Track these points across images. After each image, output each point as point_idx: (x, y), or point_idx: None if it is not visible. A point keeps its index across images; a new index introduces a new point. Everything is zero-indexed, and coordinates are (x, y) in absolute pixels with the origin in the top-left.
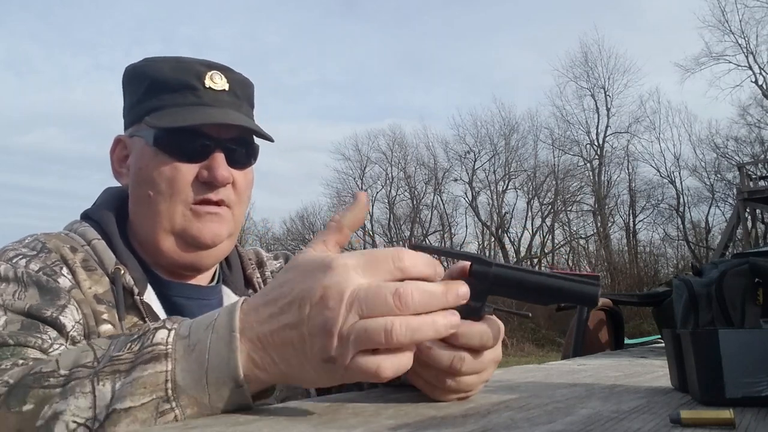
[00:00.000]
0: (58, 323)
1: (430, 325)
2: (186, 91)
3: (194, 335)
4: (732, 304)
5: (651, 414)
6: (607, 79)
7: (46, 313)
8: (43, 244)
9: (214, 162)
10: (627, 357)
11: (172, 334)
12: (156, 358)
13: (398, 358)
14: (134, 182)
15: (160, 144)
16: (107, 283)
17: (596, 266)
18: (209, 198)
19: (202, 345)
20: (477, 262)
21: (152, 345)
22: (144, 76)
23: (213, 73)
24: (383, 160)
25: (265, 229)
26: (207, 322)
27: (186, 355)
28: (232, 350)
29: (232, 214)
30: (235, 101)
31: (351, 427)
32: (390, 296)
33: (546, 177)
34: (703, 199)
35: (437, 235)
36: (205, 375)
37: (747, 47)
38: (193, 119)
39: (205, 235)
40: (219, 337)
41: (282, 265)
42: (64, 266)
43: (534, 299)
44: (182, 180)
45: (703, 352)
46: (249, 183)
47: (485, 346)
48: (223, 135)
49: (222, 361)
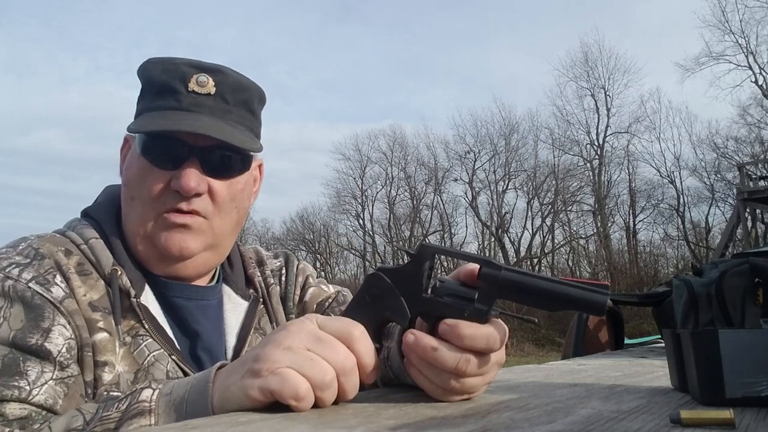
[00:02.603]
0: (44, 351)
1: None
2: (168, 94)
3: (175, 392)
4: (732, 304)
5: (651, 414)
6: (608, 79)
7: (31, 340)
8: (36, 250)
9: (183, 171)
10: (627, 357)
11: (156, 392)
12: (141, 413)
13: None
14: (122, 182)
15: (143, 148)
16: (103, 288)
17: (596, 266)
18: (180, 207)
19: (181, 399)
20: (486, 265)
21: (138, 402)
22: (141, 76)
23: (199, 75)
24: (383, 160)
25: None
26: (188, 380)
27: (167, 410)
28: (205, 398)
29: (210, 225)
30: (222, 106)
31: (351, 427)
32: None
33: (546, 177)
34: (703, 199)
35: (437, 235)
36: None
37: (747, 47)
38: (160, 125)
39: (171, 246)
40: (194, 390)
41: (282, 264)
42: (57, 273)
43: (541, 305)
44: (154, 187)
45: (703, 352)
46: (234, 194)
47: (491, 349)
48: (200, 143)
49: (198, 409)
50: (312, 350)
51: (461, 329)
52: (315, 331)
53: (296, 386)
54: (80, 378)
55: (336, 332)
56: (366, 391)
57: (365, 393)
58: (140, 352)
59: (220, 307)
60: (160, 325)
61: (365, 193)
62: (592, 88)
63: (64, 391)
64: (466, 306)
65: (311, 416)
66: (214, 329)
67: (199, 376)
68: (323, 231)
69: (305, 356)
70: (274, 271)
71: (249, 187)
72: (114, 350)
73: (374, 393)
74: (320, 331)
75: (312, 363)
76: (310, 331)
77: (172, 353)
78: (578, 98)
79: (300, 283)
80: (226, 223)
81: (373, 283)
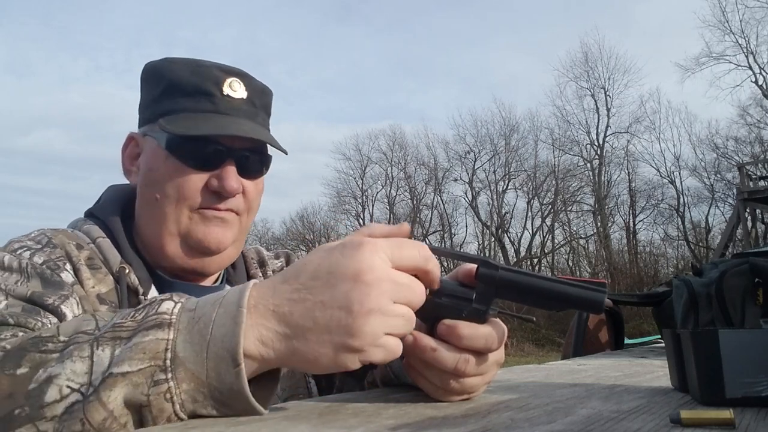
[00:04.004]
0: (59, 311)
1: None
2: (202, 97)
3: (200, 309)
4: (732, 304)
5: (651, 414)
6: (608, 79)
7: (48, 300)
8: (49, 238)
9: (225, 173)
10: (627, 357)
11: (179, 306)
12: (159, 325)
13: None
14: (143, 183)
15: (173, 148)
16: (111, 283)
17: (596, 266)
18: (217, 207)
19: (207, 318)
20: (484, 265)
21: (157, 314)
22: (162, 76)
23: (232, 80)
24: (383, 160)
25: (265, 229)
26: (215, 298)
27: (189, 326)
28: (236, 323)
29: (239, 221)
30: (252, 110)
31: (351, 427)
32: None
33: (546, 177)
34: (703, 199)
35: (437, 235)
36: (206, 348)
37: (747, 47)
38: (207, 129)
39: (210, 239)
40: (225, 312)
41: (283, 264)
42: (67, 263)
43: (539, 304)
44: (191, 187)
45: (703, 352)
46: (259, 192)
47: (490, 349)
48: (237, 145)
49: (225, 333)
50: (398, 300)
51: (460, 329)
52: (392, 275)
53: (397, 351)
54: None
55: (411, 267)
56: (366, 391)
57: (365, 393)
58: None
59: None
60: None
61: (365, 193)
62: (592, 88)
63: None
64: (464, 306)
65: (311, 416)
66: None
67: (229, 297)
68: (323, 231)
69: (397, 315)
70: (275, 272)
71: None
72: None
73: (374, 393)
74: (396, 273)
75: (404, 321)
76: (387, 277)
77: None
78: (578, 98)
79: None
80: (251, 219)
81: None
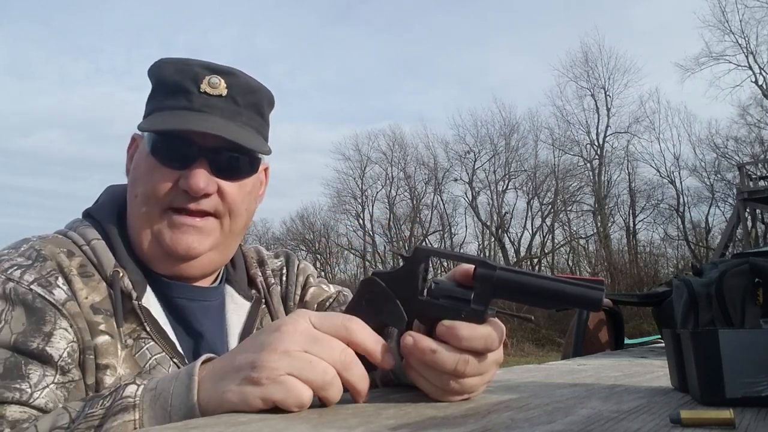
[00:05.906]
0: (45, 355)
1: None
2: (180, 94)
3: (160, 387)
4: (732, 304)
5: (651, 414)
6: (608, 79)
7: (32, 344)
8: (38, 252)
9: (192, 171)
10: (627, 357)
11: (141, 388)
12: (125, 409)
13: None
14: (129, 181)
15: (152, 147)
16: (105, 290)
17: (596, 266)
18: (188, 207)
19: (166, 393)
20: (481, 265)
21: (122, 398)
22: (152, 75)
23: (212, 77)
24: (383, 160)
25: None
26: (172, 375)
27: (152, 404)
28: (189, 390)
29: (220, 225)
30: (232, 108)
31: (351, 427)
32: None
33: (546, 177)
34: (703, 199)
35: (437, 235)
36: (168, 418)
37: (747, 47)
38: (173, 124)
39: (178, 246)
40: (180, 383)
41: (282, 263)
42: (59, 275)
43: (537, 303)
44: (162, 186)
45: (703, 352)
46: (245, 195)
47: (489, 349)
48: (210, 143)
49: (182, 402)
50: (309, 351)
51: (459, 330)
52: (309, 330)
53: (299, 394)
54: (81, 383)
55: (330, 328)
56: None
57: None
58: (142, 355)
59: (222, 307)
60: (162, 328)
61: (365, 193)
62: (592, 88)
63: (65, 395)
64: (462, 307)
65: (311, 416)
66: (216, 330)
67: (184, 371)
68: (323, 231)
69: (303, 359)
70: (275, 271)
71: (256, 189)
72: (116, 353)
73: (374, 393)
74: (314, 329)
75: (311, 366)
76: (304, 330)
77: (174, 356)
78: (578, 98)
79: (301, 283)
80: (236, 224)
81: (369, 288)
